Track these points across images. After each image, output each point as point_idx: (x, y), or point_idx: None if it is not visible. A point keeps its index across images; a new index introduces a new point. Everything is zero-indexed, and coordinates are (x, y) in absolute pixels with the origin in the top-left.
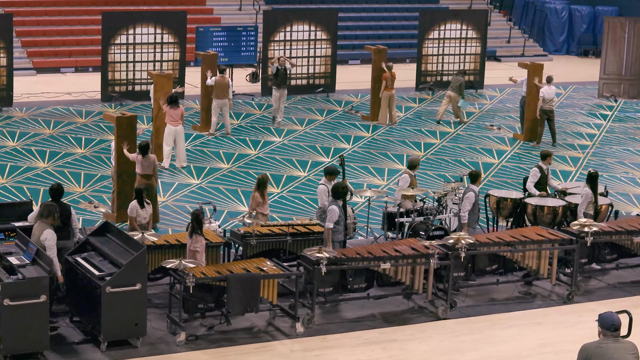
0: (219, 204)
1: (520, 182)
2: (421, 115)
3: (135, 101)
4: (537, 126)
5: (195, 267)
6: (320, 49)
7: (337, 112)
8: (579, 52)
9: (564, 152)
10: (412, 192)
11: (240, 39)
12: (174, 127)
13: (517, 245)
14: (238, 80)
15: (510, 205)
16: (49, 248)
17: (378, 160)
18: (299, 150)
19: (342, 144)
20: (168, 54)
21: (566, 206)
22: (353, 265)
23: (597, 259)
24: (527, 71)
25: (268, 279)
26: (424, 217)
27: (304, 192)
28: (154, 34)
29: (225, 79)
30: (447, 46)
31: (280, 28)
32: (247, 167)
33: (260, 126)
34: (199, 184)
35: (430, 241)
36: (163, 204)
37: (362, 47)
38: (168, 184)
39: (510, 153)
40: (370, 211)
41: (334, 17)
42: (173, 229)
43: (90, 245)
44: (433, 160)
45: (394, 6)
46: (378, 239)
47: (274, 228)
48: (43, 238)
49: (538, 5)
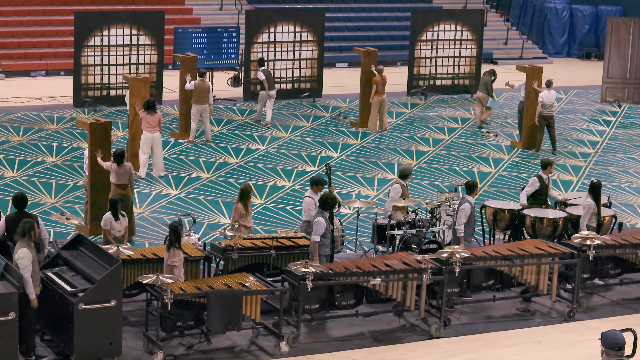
0: (199, 216)
1: (519, 192)
2: (413, 121)
3: (110, 107)
4: (536, 133)
5: (173, 282)
6: (306, 51)
7: (324, 118)
8: (580, 54)
9: (565, 160)
10: (404, 203)
11: (222, 41)
12: (150, 134)
13: (515, 259)
14: (219, 84)
15: (507, 216)
16: (23, 268)
17: (367, 169)
18: (283, 158)
19: (329, 152)
20: (145, 56)
21: (567, 218)
22: (341, 281)
23: (599, 274)
24: (525, 75)
25: (251, 295)
26: (416, 229)
27: (289, 203)
28: (130, 35)
29: (205, 83)
30: (441, 48)
31: (263, 29)
32: (228, 176)
33: (243, 133)
34: (178, 195)
35: (423, 255)
36: (139, 216)
37: (351, 49)
38: (145, 195)
39: (508, 162)
40: (359, 223)
41: (320, 17)
42: (150, 242)
43: (62, 260)
44: (426, 169)
45: (384, 6)
46: (367, 252)
47: (257, 241)
48: (17, 257)
49: (537, 4)
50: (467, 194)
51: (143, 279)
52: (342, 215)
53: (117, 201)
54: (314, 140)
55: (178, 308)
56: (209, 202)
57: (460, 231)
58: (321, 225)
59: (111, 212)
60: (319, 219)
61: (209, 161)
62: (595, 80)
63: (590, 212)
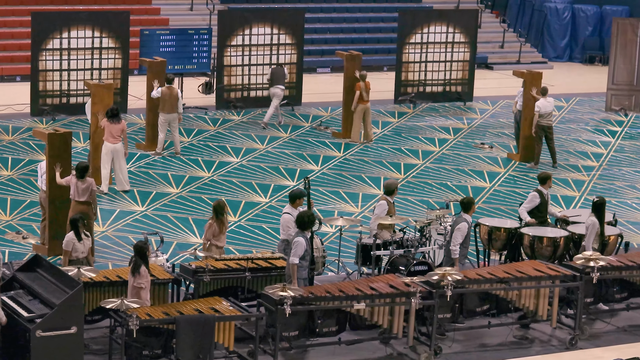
0: (167, 235)
1: (516, 209)
2: (401, 131)
3: (70, 115)
4: (535, 145)
5: (139, 307)
6: (284, 55)
7: (303, 128)
8: (583, 58)
9: (566, 174)
10: (391, 221)
11: (192, 44)
12: (112, 145)
13: (512, 282)
14: (189, 91)
15: (504, 236)
16: None
17: (351, 184)
18: (259, 172)
19: (309, 165)
20: (108, 60)
21: (568, 237)
22: (322, 306)
23: (604, 298)
24: (523, 81)
25: (224, 322)
26: (404, 249)
27: (266, 220)
28: (92, 37)
29: (172, 89)
30: (431, 52)
31: (237, 31)
32: (199, 192)
33: (215, 144)
34: (144, 212)
35: (412, 277)
36: (102, 235)
37: (333, 53)
38: (108, 212)
39: (504, 176)
40: (342, 243)
41: (300, 18)
42: (114, 264)
43: (18, 283)
44: (415, 184)
45: (369, 5)
46: (351, 275)
47: (230, 262)
48: None
49: (536, 4)
50: (463, 212)
51: (106, 303)
52: (323, 234)
53: (78, 220)
54: (292, 152)
55: (144, 335)
56: (178, 220)
57: (455, 252)
58: (301, 246)
59: (74, 232)
60: (299, 239)
61: (178, 175)
62: (599, 87)
63: (595, 231)
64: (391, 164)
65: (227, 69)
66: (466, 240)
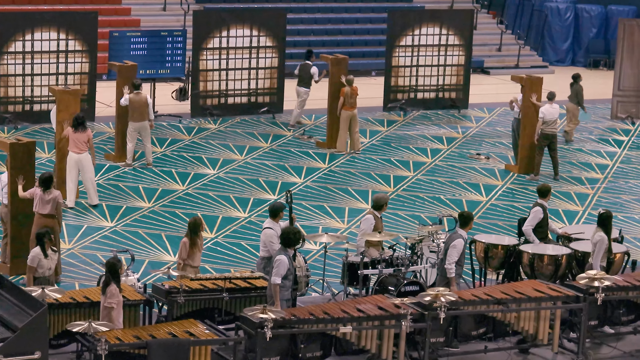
0: (138, 253)
1: (514, 224)
2: (390, 141)
3: (34, 124)
4: (535, 155)
5: (108, 330)
6: (264, 58)
7: (285, 137)
8: (587, 62)
9: (569, 187)
10: (379, 238)
11: (165, 47)
12: (77, 156)
13: (510, 303)
14: (162, 97)
15: (501, 253)
16: None
17: (336, 197)
18: (237, 185)
19: (291, 178)
20: (74, 64)
21: (571, 255)
22: (305, 329)
23: (610, 321)
24: (522, 87)
25: (199, 346)
26: (394, 268)
27: (244, 237)
28: (57, 40)
29: (141, 96)
30: (423, 55)
31: (214, 33)
32: (173, 206)
33: (190, 155)
34: (113, 227)
35: (402, 299)
36: (68, 252)
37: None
38: (74, 227)
39: (502, 189)
40: (326, 261)
41: (281, 19)
42: (81, 284)
43: None
44: (405, 197)
45: (356, 5)
46: (336, 295)
47: (206, 282)
48: None
49: (536, 4)
50: (460, 227)
51: (73, 326)
52: (306, 251)
53: (45, 234)
54: (273, 163)
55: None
56: (150, 237)
57: (451, 271)
58: (283, 265)
59: (39, 247)
60: (280, 257)
61: (150, 188)
62: (604, 93)
63: (604, 247)
64: (380, 176)
65: (202, 73)
66: (462, 258)
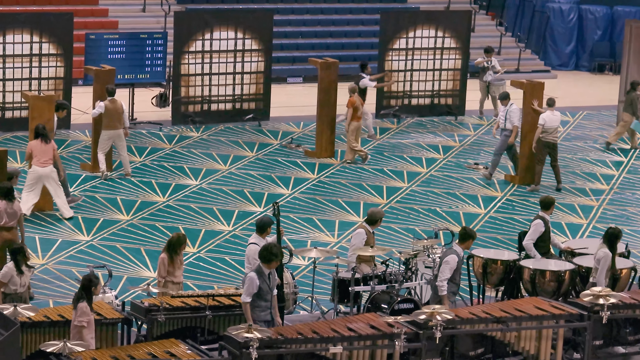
0: (116, 268)
1: (514, 238)
2: (383, 150)
3: (6, 132)
4: (535, 164)
5: (84, 351)
6: (249, 62)
7: (272, 146)
8: (591, 66)
9: (572, 199)
10: (371, 253)
11: (145, 50)
12: (41, 169)
13: (510, 322)
14: (141, 103)
15: (500, 269)
16: None
17: (326, 210)
18: (221, 197)
19: (278, 189)
20: (49, 69)
21: (574, 271)
22: (293, 349)
23: (615, 341)
24: (523, 92)
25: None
26: (387, 285)
27: (229, 252)
28: (30, 42)
29: (116, 102)
30: (418, 59)
31: (197, 35)
32: (153, 219)
33: (171, 165)
34: (90, 242)
35: (396, 317)
36: (41, 268)
37: (306, 61)
38: (48, 242)
39: (501, 200)
40: (316, 277)
41: (267, 20)
42: (55, 301)
43: None
44: (399, 209)
45: (346, 6)
46: (326, 313)
47: (188, 300)
48: None
49: (537, 5)
50: (458, 243)
51: (46, 346)
52: (294, 267)
53: (19, 250)
54: (259, 173)
55: None
56: (129, 251)
57: (443, 289)
58: (252, 283)
59: (14, 262)
60: (250, 275)
61: (129, 200)
62: (610, 99)
63: (607, 265)
64: (372, 187)
65: (184, 78)
66: (456, 275)
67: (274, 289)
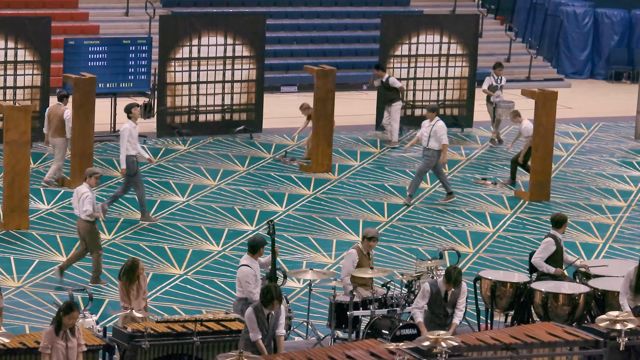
0: (97, 291)
1: (525, 259)
2: (384, 164)
3: None
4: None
5: None
6: (240, 70)
7: (264, 160)
8: (608, 74)
9: (587, 216)
10: (371, 274)
11: (128, 57)
12: None
13: (520, 349)
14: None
15: (510, 292)
16: None
17: (323, 228)
18: (210, 214)
19: (271, 206)
20: (25, 77)
21: (589, 294)
22: None
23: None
24: (534, 102)
25: None
26: (388, 309)
27: (218, 273)
28: (5, 49)
29: (60, 109)
30: (421, 67)
31: (184, 41)
32: (136, 238)
33: (156, 180)
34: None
35: (397, 343)
36: (17, 291)
37: (301, 68)
38: (24, 262)
39: (511, 218)
40: (311, 301)
41: (259, 25)
42: (31, 327)
43: None
44: (401, 228)
45: (345, 10)
46: (322, 340)
47: (174, 325)
48: None
49: (550, 8)
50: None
51: None
52: (288, 290)
53: None
54: (251, 189)
55: None
56: (111, 273)
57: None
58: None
59: None
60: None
61: (111, 218)
62: (627, 110)
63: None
64: (372, 204)
65: (170, 87)
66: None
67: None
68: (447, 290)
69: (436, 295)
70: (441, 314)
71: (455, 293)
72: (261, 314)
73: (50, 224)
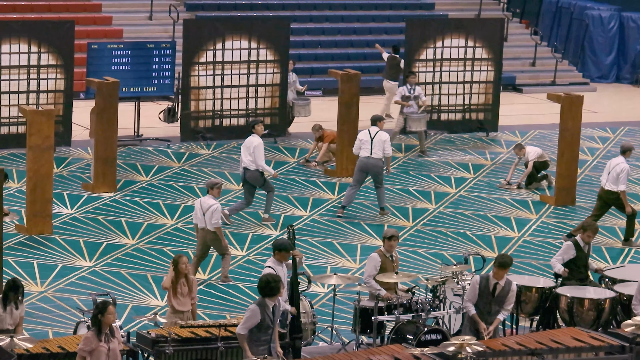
0: (120, 296)
1: (549, 264)
2: (409, 169)
3: (2, 149)
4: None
5: None
6: (264, 74)
7: (289, 164)
8: (633, 78)
9: (613, 221)
10: (396, 279)
11: (151, 61)
12: None
13: (545, 354)
14: (148, 118)
15: (535, 297)
16: None
17: (347, 233)
18: (234, 219)
19: (295, 210)
20: (48, 81)
21: (615, 299)
22: None
23: None
24: (561, 107)
25: None
26: (413, 314)
27: (242, 278)
28: (28, 53)
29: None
30: (446, 71)
31: (208, 45)
32: (160, 242)
33: (180, 185)
34: (92, 267)
35: (422, 349)
36: (40, 296)
37: (325, 72)
38: (47, 267)
39: (536, 223)
40: (336, 306)
41: (284, 29)
42: (55, 332)
43: None
44: (426, 233)
45: (369, 14)
46: (347, 345)
47: (199, 330)
48: None
49: (575, 12)
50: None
51: None
52: (313, 295)
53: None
54: (275, 194)
55: None
56: (134, 277)
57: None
58: (252, 316)
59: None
60: (251, 308)
61: (135, 222)
62: None
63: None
64: (397, 209)
65: (194, 91)
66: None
67: (277, 320)
68: (495, 284)
69: (484, 289)
70: (485, 311)
71: (504, 289)
72: (266, 308)
73: (74, 229)
